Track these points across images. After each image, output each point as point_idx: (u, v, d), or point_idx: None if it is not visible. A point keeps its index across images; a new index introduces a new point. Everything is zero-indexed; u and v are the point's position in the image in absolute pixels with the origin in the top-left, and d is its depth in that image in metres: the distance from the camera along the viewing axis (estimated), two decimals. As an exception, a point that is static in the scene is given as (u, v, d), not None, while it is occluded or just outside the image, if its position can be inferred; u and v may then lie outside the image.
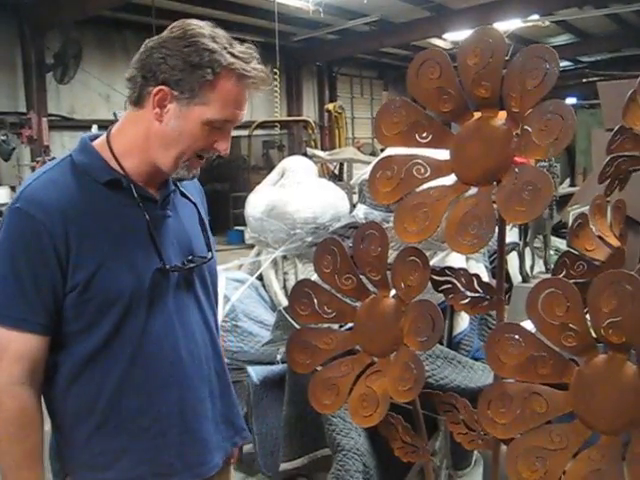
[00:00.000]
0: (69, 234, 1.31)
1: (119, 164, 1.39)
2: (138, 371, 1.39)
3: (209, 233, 1.57)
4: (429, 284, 1.59)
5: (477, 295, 1.57)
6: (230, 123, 1.39)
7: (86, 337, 1.35)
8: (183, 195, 1.54)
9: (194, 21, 1.36)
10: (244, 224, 4.86)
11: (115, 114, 10.25)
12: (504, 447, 1.49)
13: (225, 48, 1.33)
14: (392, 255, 1.65)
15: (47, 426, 1.40)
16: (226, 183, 13.54)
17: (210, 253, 1.53)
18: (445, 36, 13.83)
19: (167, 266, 1.40)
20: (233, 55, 1.33)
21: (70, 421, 1.40)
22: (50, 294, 1.32)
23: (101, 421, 1.38)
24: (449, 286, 1.60)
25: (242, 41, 1.38)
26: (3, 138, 9.96)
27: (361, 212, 4.02)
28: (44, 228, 1.29)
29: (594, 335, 1.32)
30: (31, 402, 1.32)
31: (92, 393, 1.37)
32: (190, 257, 1.47)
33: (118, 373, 1.37)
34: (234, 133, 1.44)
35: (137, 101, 1.38)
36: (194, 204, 1.56)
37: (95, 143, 1.43)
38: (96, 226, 1.34)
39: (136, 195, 1.39)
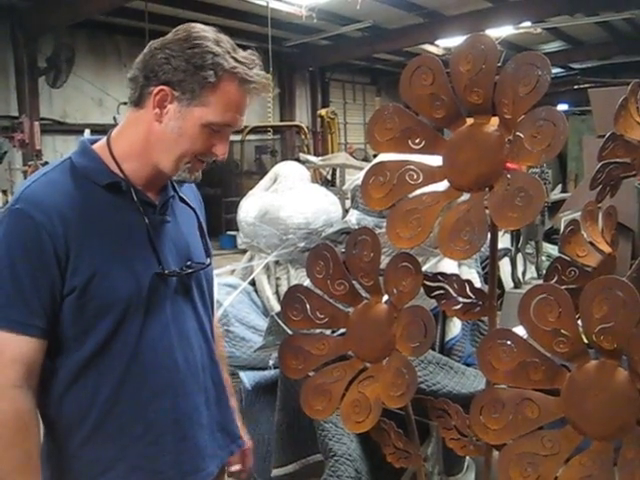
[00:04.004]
0: (68, 236, 1.29)
1: (119, 167, 1.38)
2: (133, 378, 1.37)
3: (208, 239, 1.56)
4: (421, 290, 1.60)
5: (469, 301, 1.57)
6: (229, 127, 1.39)
7: (83, 342, 1.34)
8: (182, 200, 1.53)
9: (199, 25, 1.37)
10: (236, 229, 4.84)
11: (115, 118, 10.27)
12: (496, 453, 1.49)
13: (228, 52, 1.33)
14: (384, 261, 1.65)
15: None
16: (218, 188, 13.50)
17: (208, 259, 1.52)
18: (438, 42, 13.90)
19: (166, 271, 1.39)
20: (236, 60, 1.33)
21: (63, 428, 1.37)
22: (49, 297, 1.30)
23: (95, 428, 1.36)
24: (441, 292, 1.60)
25: (243, 47, 1.38)
26: (-5, 142, 9.94)
27: (354, 218, 4.02)
28: (44, 229, 1.28)
29: (586, 341, 1.33)
30: (27, 405, 1.29)
31: (87, 400, 1.35)
32: (188, 263, 1.46)
33: (113, 379, 1.35)
34: (226, 138, 1.43)
35: (138, 101, 1.37)
36: (193, 210, 1.55)
37: (95, 146, 1.42)
38: (95, 229, 1.33)
39: (136, 199, 1.38)
